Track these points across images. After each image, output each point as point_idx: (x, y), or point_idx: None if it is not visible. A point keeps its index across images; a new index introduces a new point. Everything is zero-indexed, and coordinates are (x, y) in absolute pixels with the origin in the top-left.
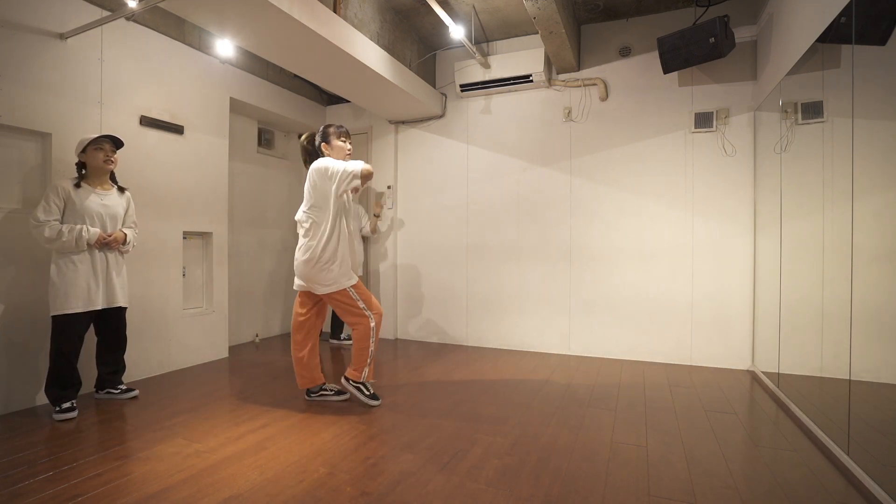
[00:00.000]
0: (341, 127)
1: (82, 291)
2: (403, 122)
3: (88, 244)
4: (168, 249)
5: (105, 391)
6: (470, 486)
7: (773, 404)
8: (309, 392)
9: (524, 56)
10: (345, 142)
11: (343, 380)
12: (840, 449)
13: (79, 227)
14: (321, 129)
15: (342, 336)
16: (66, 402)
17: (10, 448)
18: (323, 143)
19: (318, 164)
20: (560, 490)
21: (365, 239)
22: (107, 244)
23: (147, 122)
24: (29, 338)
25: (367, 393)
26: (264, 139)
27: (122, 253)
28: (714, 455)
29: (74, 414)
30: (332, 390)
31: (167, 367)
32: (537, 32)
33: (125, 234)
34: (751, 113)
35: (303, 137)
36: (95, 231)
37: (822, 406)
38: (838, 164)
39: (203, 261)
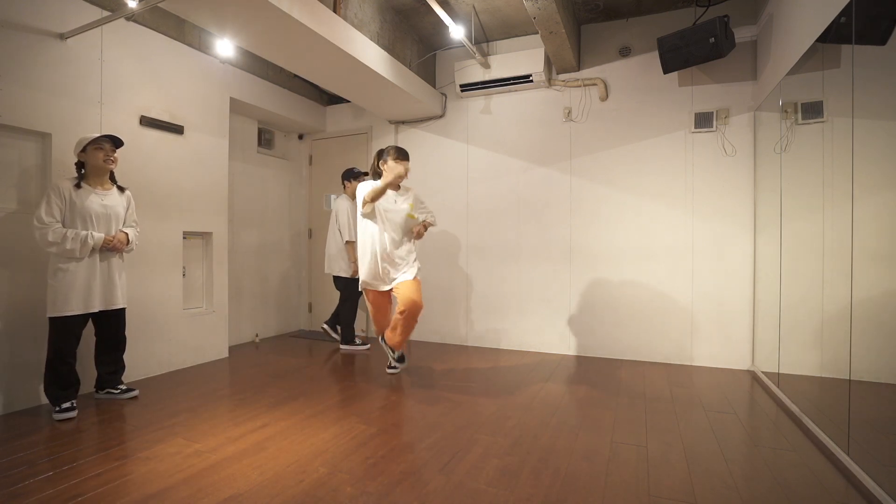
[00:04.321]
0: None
1: (81, 293)
2: (403, 122)
3: (94, 249)
4: (168, 249)
5: (105, 391)
6: (470, 486)
7: (773, 404)
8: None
9: (524, 56)
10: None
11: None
12: (840, 449)
13: (84, 233)
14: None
15: (356, 341)
16: (65, 402)
17: (10, 448)
18: (381, 162)
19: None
20: (560, 490)
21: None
22: (112, 247)
23: (147, 122)
24: (29, 338)
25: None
26: (264, 139)
27: (126, 253)
28: (714, 455)
29: (74, 414)
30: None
31: (167, 367)
32: (537, 32)
33: (127, 235)
34: (751, 113)
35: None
36: (100, 236)
37: (822, 406)
38: (838, 164)
39: (203, 261)
